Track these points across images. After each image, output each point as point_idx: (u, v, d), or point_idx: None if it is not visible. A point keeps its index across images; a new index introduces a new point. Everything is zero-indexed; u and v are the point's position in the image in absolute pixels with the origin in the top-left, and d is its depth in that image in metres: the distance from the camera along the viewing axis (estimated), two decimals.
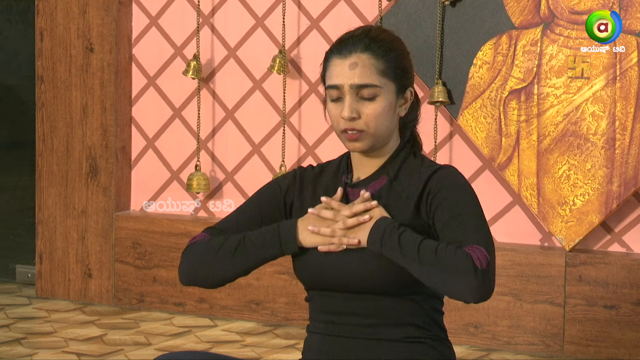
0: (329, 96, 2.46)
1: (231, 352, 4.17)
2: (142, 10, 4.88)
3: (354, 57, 2.43)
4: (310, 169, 2.57)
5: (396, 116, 2.47)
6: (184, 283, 2.56)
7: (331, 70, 2.45)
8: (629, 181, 4.08)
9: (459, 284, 2.29)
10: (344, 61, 2.43)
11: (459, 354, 3.98)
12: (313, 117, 4.62)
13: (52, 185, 4.96)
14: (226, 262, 2.51)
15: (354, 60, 2.42)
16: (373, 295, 2.41)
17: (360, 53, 2.43)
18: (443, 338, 2.47)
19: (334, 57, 2.45)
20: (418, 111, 2.55)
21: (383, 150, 2.48)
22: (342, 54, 2.44)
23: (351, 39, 2.45)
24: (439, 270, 2.29)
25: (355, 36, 2.45)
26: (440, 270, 2.29)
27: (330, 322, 2.45)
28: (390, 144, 2.49)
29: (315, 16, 4.59)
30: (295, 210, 2.53)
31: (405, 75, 2.48)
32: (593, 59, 4.10)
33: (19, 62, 5.55)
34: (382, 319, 2.41)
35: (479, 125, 4.26)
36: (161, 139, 4.89)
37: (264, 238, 2.46)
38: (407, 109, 2.50)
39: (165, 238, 4.76)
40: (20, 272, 5.26)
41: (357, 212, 2.39)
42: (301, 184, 2.55)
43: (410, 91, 2.50)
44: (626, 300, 4.08)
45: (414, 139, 2.55)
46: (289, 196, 2.54)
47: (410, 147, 2.52)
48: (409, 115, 2.51)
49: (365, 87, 2.42)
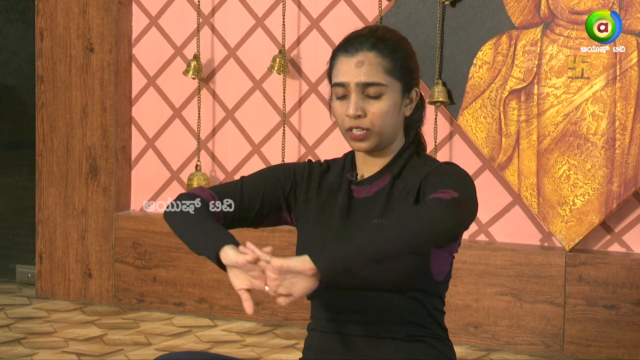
0: (334, 94, 2.47)
1: (231, 352, 4.17)
2: (142, 10, 4.88)
3: (360, 55, 2.43)
4: (319, 165, 2.58)
5: (401, 116, 2.48)
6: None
7: (337, 68, 2.46)
8: (629, 181, 4.08)
9: (433, 222, 2.24)
10: (351, 59, 2.44)
11: (459, 354, 3.98)
12: (313, 117, 4.62)
13: (52, 185, 4.96)
14: (180, 236, 2.58)
15: (361, 59, 2.43)
16: (374, 293, 2.41)
17: (367, 51, 2.44)
18: (444, 337, 2.48)
19: (341, 55, 2.46)
20: (423, 112, 2.56)
21: (387, 150, 2.48)
22: (349, 52, 2.45)
23: (358, 38, 2.45)
24: (409, 228, 2.24)
25: (362, 35, 2.46)
26: (409, 228, 2.24)
27: (332, 320, 2.45)
28: (395, 143, 2.49)
29: (315, 16, 4.59)
30: (299, 203, 2.53)
31: (411, 75, 2.49)
32: (593, 59, 4.10)
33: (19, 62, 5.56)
34: (383, 317, 2.41)
35: (479, 125, 4.26)
36: (161, 139, 4.89)
37: (206, 243, 2.46)
38: (412, 109, 2.50)
39: (165, 238, 4.76)
40: (20, 272, 5.26)
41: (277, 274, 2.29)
42: (309, 177, 2.55)
43: (415, 91, 2.51)
44: (626, 300, 4.08)
45: (419, 139, 2.56)
46: (298, 185, 2.54)
47: (415, 147, 2.53)
48: (414, 116, 2.52)
49: (371, 86, 2.42)
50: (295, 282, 2.24)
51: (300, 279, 2.23)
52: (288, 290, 2.24)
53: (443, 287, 2.48)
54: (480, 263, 4.26)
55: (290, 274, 2.24)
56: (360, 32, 2.48)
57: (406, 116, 2.50)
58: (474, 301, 4.27)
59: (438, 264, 2.43)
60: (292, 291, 2.23)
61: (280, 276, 2.24)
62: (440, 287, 2.46)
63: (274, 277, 2.25)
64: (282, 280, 2.24)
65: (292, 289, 2.24)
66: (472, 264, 4.26)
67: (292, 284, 2.24)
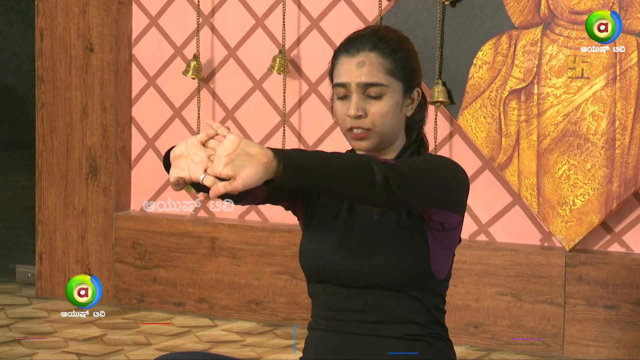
0: (335, 94, 2.47)
1: (231, 352, 4.17)
2: (142, 10, 4.88)
3: (361, 55, 2.43)
4: None
5: (403, 116, 2.48)
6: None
7: (339, 68, 2.46)
8: (629, 181, 4.08)
9: (360, 182, 2.19)
10: (352, 59, 2.43)
11: (459, 354, 3.98)
12: (313, 117, 4.62)
13: (52, 185, 4.96)
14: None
15: (362, 59, 2.43)
16: (375, 291, 2.41)
17: (368, 52, 2.43)
18: (444, 337, 2.48)
19: (342, 55, 2.46)
20: (425, 112, 2.55)
21: (389, 150, 2.48)
22: (350, 52, 2.44)
23: (359, 38, 2.45)
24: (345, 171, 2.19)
25: (363, 35, 2.46)
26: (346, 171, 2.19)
27: (332, 319, 2.45)
28: (397, 143, 2.49)
29: (315, 16, 4.59)
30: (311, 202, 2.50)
31: (413, 75, 2.48)
32: (593, 59, 4.10)
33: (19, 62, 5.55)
34: (384, 316, 2.41)
35: (479, 125, 4.26)
36: (161, 139, 4.89)
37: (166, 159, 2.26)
38: (413, 109, 2.50)
39: (165, 238, 4.76)
40: (20, 272, 5.26)
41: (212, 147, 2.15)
42: None
43: (417, 91, 2.50)
44: (626, 300, 4.08)
45: (421, 139, 2.55)
46: None
47: (417, 147, 2.53)
48: (415, 116, 2.52)
49: (372, 86, 2.42)
50: (245, 165, 2.07)
51: (252, 164, 2.07)
52: (234, 172, 2.06)
53: (444, 286, 2.48)
54: (480, 263, 4.26)
55: (243, 156, 2.07)
56: (361, 32, 2.47)
57: (407, 116, 2.49)
58: (474, 301, 4.27)
59: (439, 262, 2.43)
60: (238, 173, 2.06)
61: (233, 154, 2.07)
62: (440, 286, 2.46)
63: (226, 154, 2.07)
64: (232, 159, 2.07)
65: (239, 171, 2.06)
66: (472, 264, 4.26)
67: (242, 166, 2.06)
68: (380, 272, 2.38)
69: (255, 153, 2.08)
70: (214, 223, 4.70)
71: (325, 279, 2.45)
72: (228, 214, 4.79)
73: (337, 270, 2.43)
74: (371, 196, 2.22)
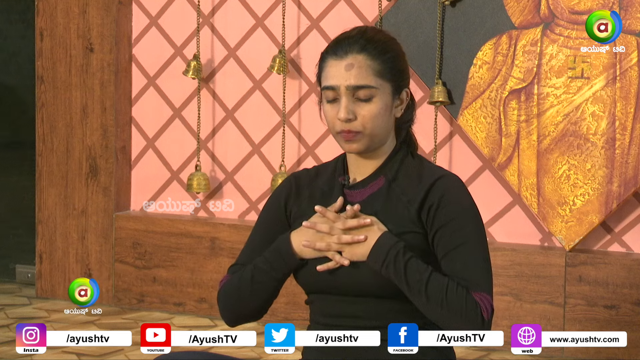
0: (324, 97, 2.45)
1: (231, 352, 4.17)
2: (142, 10, 4.88)
3: (350, 58, 2.41)
4: (306, 172, 2.55)
5: (392, 117, 2.46)
6: (231, 326, 2.68)
7: (327, 71, 2.44)
8: (629, 181, 4.08)
9: (463, 328, 2.33)
10: (340, 62, 2.42)
11: (459, 354, 3.97)
12: (313, 117, 4.61)
13: (52, 185, 4.96)
14: (250, 296, 2.53)
15: (350, 62, 2.41)
16: (373, 298, 2.40)
17: (356, 54, 2.41)
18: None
19: (330, 58, 2.44)
20: (414, 112, 2.54)
21: (380, 152, 2.47)
22: (338, 54, 2.42)
23: (347, 40, 2.43)
24: (447, 312, 2.32)
25: (351, 37, 2.44)
26: (448, 311, 2.32)
27: (331, 325, 2.44)
28: (387, 145, 2.48)
29: (315, 16, 4.59)
30: (294, 217, 2.51)
31: (401, 76, 2.46)
32: (593, 59, 4.10)
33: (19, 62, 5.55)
34: (382, 322, 2.41)
35: (479, 125, 4.26)
36: (161, 139, 4.89)
37: (269, 262, 2.46)
38: (403, 110, 2.48)
39: (165, 238, 4.76)
40: (20, 272, 5.26)
41: (351, 227, 2.39)
42: (297, 189, 2.53)
43: (406, 92, 2.48)
44: (626, 300, 4.08)
45: (410, 139, 2.54)
46: (289, 206, 2.53)
47: (407, 147, 2.51)
48: (404, 116, 2.50)
49: (362, 89, 2.40)
50: (354, 246, 2.39)
51: (358, 246, 2.38)
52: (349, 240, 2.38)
53: None
54: None
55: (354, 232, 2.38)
56: (349, 34, 2.45)
57: (397, 117, 2.47)
58: None
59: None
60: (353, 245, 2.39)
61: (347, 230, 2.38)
62: None
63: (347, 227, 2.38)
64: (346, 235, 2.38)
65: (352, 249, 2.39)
66: None
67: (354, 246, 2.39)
68: (378, 283, 2.38)
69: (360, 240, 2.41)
70: (214, 223, 4.70)
71: (322, 290, 2.45)
72: (228, 214, 4.79)
73: (334, 281, 2.42)
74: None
